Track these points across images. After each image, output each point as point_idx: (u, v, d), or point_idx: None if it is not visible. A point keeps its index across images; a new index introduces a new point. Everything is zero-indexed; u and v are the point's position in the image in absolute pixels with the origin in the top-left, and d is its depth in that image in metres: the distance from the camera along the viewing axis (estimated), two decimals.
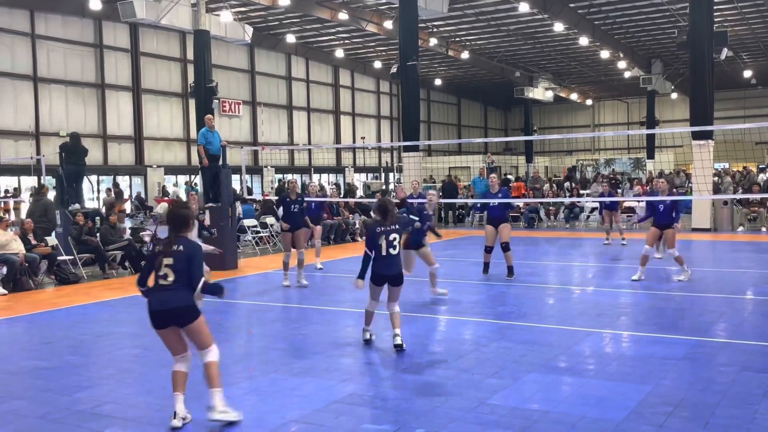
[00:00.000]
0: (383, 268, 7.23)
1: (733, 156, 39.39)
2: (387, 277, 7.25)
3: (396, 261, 7.27)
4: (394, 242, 7.21)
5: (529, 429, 5.07)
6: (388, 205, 7.34)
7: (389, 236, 7.20)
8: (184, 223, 5.36)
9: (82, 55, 31.06)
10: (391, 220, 7.25)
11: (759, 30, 35.56)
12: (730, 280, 11.64)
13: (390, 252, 7.19)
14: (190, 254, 5.24)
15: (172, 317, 5.21)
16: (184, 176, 35.10)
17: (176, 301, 5.18)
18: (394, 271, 7.27)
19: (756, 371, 6.36)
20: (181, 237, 5.33)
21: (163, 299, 5.20)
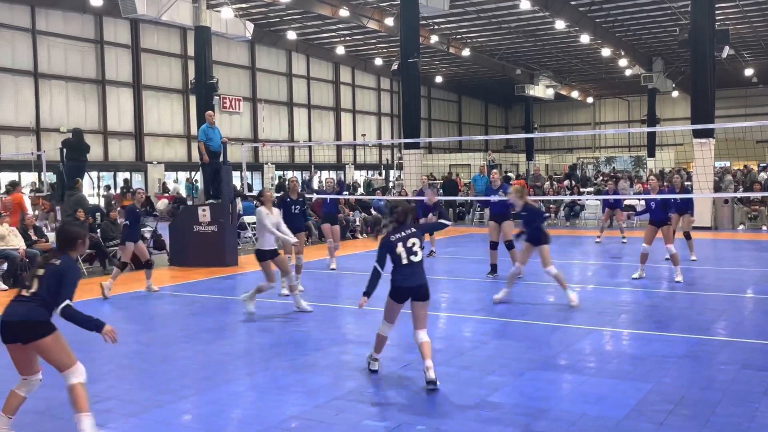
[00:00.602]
0: (402, 279, 6.15)
1: (734, 154, 39.39)
2: (408, 289, 6.14)
3: (419, 270, 6.19)
4: (414, 248, 6.16)
5: (529, 426, 5.08)
6: (402, 211, 6.33)
7: (407, 242, 6.16)
8: (68, 242, 5.02)
9: (82, 50, 31.02)
10: (407, 222, 6.28)
11: (760, 28, 35.51)
12: (730, 279, 11.64)
13: (411, 260, 6.14)
14: (64, 272, 4.84)
15: (17, 331, 4.77)
16: (184, 173, 35.07)
17: (25, 314, 4.76)
18: (417, 282, 6.14)
19: (756, 369, 6.37)
20: (64, 254, 4.97)
21: (13, 310, 4.80)
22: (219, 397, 5.90)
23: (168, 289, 11.60)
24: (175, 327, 8.74)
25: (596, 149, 56.89)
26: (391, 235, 6.21)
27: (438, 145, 52.23)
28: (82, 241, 5.08)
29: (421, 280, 6.17)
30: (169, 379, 6.45)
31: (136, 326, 8.79)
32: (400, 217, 6.29)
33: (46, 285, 4.80)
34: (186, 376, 6.53)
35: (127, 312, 9.83)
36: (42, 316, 4.79)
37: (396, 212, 6.32)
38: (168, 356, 7.29)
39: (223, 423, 5.29)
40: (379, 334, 6.42)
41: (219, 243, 14.09)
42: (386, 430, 5.04)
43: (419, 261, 6.17)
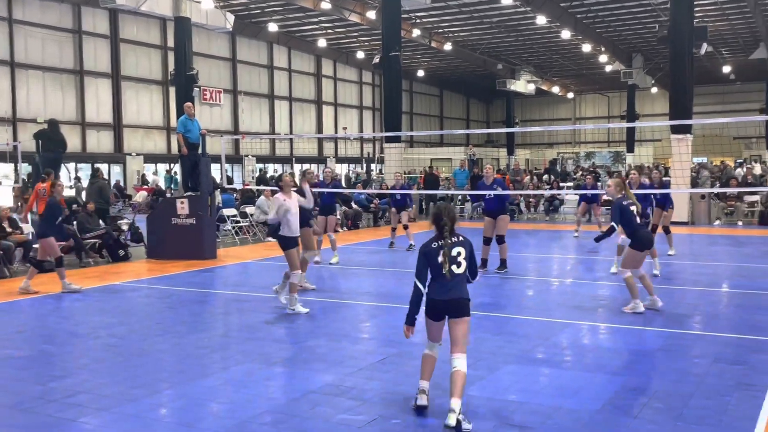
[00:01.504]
0: (439, 291, 5.23)
1: (711, 150, 39.83)
2: (444, 303, 5.22)
3: (458, 282, 5.24)
4: (458, 258, 5.25)
5: (505, 420, 5.09)
6: (443, 215, 5.32)
7: (452, 250, 5.23)
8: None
9: (60, 40, 30.62)
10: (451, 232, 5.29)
11: (738, 26, 35.87)
12: (706, 273, 11.76)
13: (453, 271, 5.21)
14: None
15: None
16: (163, 164, 34.80)
17: None
18: (455, 295, 5.21)
19: (729, 363, 6.44)
20: None
21: None
22: (194, 391, 5.85)
23: (145, 282, 11.50)
24: (151, 320, 8.67)
25: (576, 144, 57.27)
26: (433, 242, 5.33)
27: (419, 139, 52.27)
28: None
29: (460, 294, 5.25)
30: (144, 372, 6.39)
31: (112, 319, 8.70)
32: (439, 221, 5.34)
33: None
34: (161, 370, 6.48)
35: (102, 305, 9.73)
36: None
37: (434, 216, 5.43)
38: (143, 350, 7.22)
39: (197, 417, 5.25)
40: (424, 354, 5.45)
41: (197, 236, 13.98)
42: (361, 424, 5.03)
43: (461, 273, 5.27)
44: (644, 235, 8.72)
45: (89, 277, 12.09)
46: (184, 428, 5.02)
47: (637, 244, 8.61)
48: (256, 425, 5.03)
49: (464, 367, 5.08)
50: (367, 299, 9.89)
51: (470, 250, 5.32)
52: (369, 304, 9.53)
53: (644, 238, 8.67)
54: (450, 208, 5.48)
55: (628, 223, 8.59)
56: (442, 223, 5.29)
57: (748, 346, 7.04)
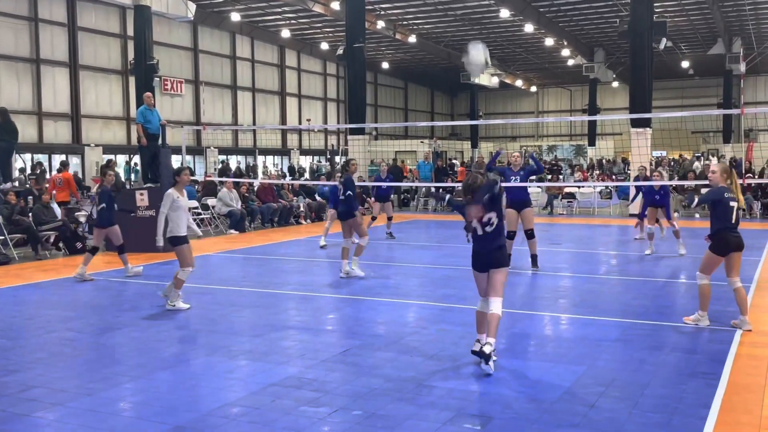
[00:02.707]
0: (480, 245, 6.18)
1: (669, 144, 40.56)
2: (486, 254, 6.13)
3: (493, 236, 6.13)
4: (490, 220, 6.12)
5: (465, 410, 5.12)
6: (473, 184, 6.10)
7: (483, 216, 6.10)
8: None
9: (15, 28, 29.82)
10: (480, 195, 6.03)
11: (697, 21, 36.54)
12: (664, 265, 11.98)
13: (486, 231, 6.12)
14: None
15: None
16: (123, 155, 34.16)
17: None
18: (493, 245, 6.13)
19: (685, 352, 6.57)
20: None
21: None
22: (153, 384, 5.77)
23: (103, 275, 11.30)
24: (109, 314, 8.51)
25: (539, 138, 57.82)
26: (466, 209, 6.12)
27: (384, 131, 52.23)
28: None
29: (497, 243, 6.13)
30: (101, 366, 6.28)
31: (69, 313, 8.53)
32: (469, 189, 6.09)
33: None
34: (119, 364, 6.37)
35: (59, 298, 9.53)
36: None
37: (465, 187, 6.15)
38: (100, 343, 7.09)
39: (156, 411, 5.17)
40: (477, 312, 6.31)
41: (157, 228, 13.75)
42: (322, 415, 5.01)
43: (492, 231, 6.12)
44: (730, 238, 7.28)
45: (45, 269, 11.84)
46: (143, 422, 4.94)
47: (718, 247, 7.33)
48: (216, 418, 4.97)
49: (497, 309, 6.01)
50: (330, 291, 9.86)
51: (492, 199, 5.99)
52: (332, 296, 9.51)
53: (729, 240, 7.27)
54: (475, 176, 6.23)
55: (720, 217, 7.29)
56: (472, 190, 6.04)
57: (705, 335, 7.19)
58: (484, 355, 5.85)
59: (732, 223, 7.25)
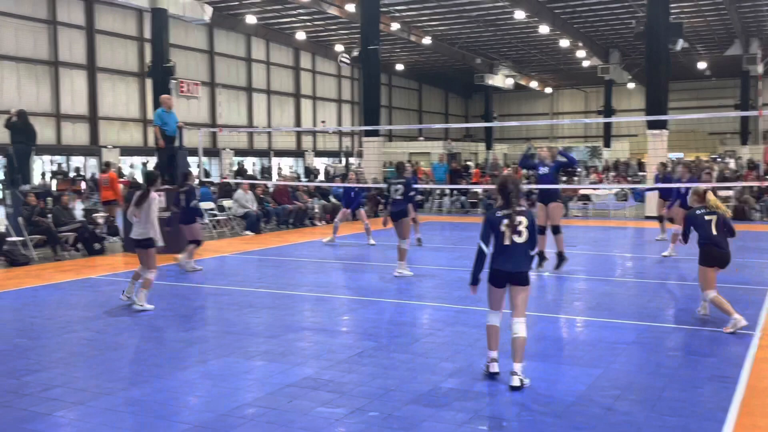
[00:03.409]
0: (502, 261, 5.67)
1: (686, 145, 40.27)
2: (507, 273, 5.68)
3: (520, 252, 5.66)
4: (519, 227, 5.64)
5: (480, 412, 5.13)
6: (509, 184, 5.72)
7: (515, 219, 5.66)
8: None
9: (34, 31, 30.15)
10: (517, 201, 5.68)
11: (714, 22, 36.27)
12: (680, 267, 11.91)
13: (515, 240, 5.64)
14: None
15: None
16: (140, 157, 34.46)
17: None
18: (517, 267, 5.65)
19: (702, 356, 6.54)
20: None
21: None
22: (171, 384, 5.83)
23: (121, 276, 11.40)
24: (126, 314, 8.60)
25: (553, 139, 57.57)
26: (497, 211, 5.72)
27: (398, 133, 52.27)
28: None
29: (521, 266, 5.66)
30: (120, 366, 6.36)
31: (88, 313, 8.62)
32: (504, 190, 5.69)
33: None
34: (137, 364, 6.45)
35: (78, 299, 9.64)
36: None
37: (500, 185, 5.79)
38: (119, 343, 7.17)
39: (174, 410, 5.23)
40: (488, 325, 5.86)
41: (174, 229, 13.85)
42: (339, 416, 5.04)
43: (523, 242, 5.65)
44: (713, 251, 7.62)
45: (64, 270, 11.97)
46: (161, 422, 5.00)
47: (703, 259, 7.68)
48: (233, 419, 5.02)
49: (524, 332, 5.67)
50: (346, 293, 9.90)
51: (531, 221, 5.69)
52: (347, 298, 9.55)
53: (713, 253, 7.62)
54: (514, 177, 5.88)
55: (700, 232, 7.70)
56: (508, 191, 5.67)
57: (722, 338, 7.15)
58: (518, 387, 5.51)
59: (713, 234, 7.61)
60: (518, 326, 5.69)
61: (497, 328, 5.83)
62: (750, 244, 14.60)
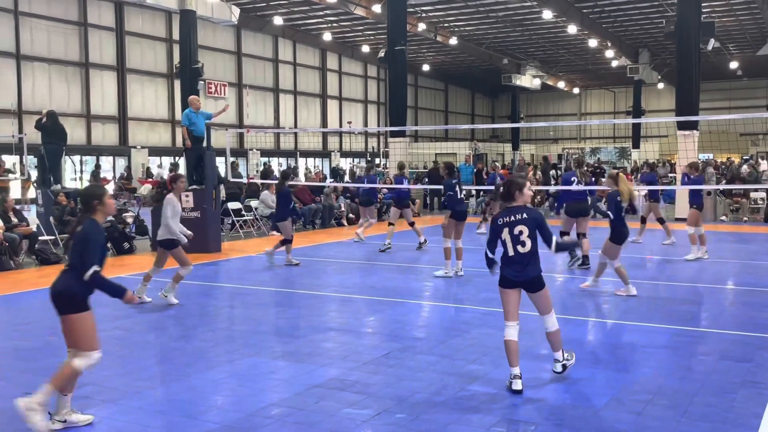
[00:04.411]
0: (510, 272, 5.58)
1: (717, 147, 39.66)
2: (516, 283, 5.59)
3: (526, 262, 5.52)
4: (521, 236, 5.48)
5: (509, 415, 5.09)
6: (511, 187, 5.57)
7: (513, 229, 5.50)
8: (86, 205, 4.90)
9: (66, 33, 30.63)
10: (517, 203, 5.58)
11: (746, 22, 35.69)
12: (711, 270, 11.72)
13: (518, 250, 5.50)
14: (86, 237, 4.74)
15: (53, 301, 4.80)
16: (168, 158, 34.83)
17: (56, 285, 4.79)
18: (525, 276, 5.54)
19: (734, 360, 6.42)
20: (87, 219, 4.84)
21: (56, 280, 4.84)
22: (198, 383, 5.86)
23: None
24: (155, 313, 8.68)
25: (581, 140, 57.10)
26: (499, 218, 5.58)
27: (424, 133, 52.19)
28: (98, 202, 4.86)
29: (529, 274, 5.52)
30: (149, 365, 6.41)
31: (118, 312, 8.71)
32: (503, 193, 5.58)
33: (74, 253, 4.74)
34: (166, 363, 6.50)
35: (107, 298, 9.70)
36: (71, 288, 4.73)
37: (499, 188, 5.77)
38: (148, 342, 7.24)
39: (202, 410, 5.26)
40: (505, 341, 5.61)
41: (202, 229, 13.98)
42: (365, 418, 5.03)
43: (527, 252, 5.48)
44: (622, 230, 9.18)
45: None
46: (189, 421, 5.03)
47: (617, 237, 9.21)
48: (260, 418, 5.04)
49: (555, 324, 5.74)
50: (372, 294, 9.89)
51: (535, 226, 5.54)
52: (373, 299, 9.54)
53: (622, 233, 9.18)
54: (516, 178, 5.67)
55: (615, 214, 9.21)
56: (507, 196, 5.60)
57: (755, 343, 7.02)
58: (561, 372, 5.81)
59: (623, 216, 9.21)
60: (549, 321, 5.76)
61: (515, 342, 5.57)
62: None
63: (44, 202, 14.54)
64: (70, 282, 4.74)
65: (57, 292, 4.76)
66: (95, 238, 4.77)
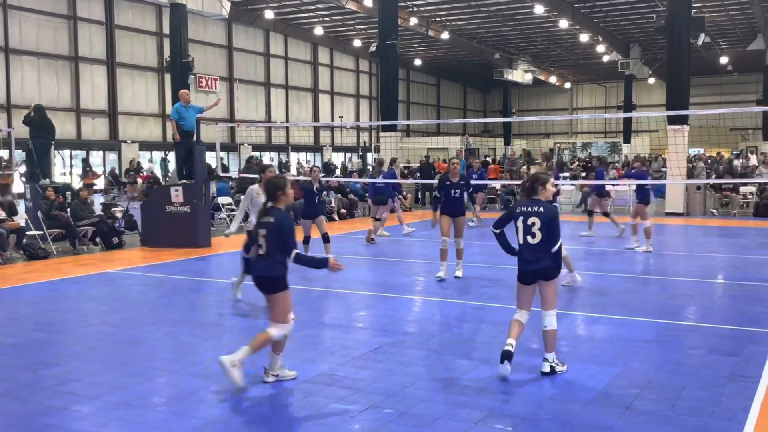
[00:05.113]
0: (523, 263, 5.77)
1: (707, 141, 39.81)
2: (529, 273, 5.77)
3: (536, 250, 5.71)
4: (532, 228, 5.70)
5: (497, 410, 5.08)
6: (535, 183, 5.87)
7: (528, 219, 5.73)
8: (271, 195, 5.53)
9: (55, 26, 30.40)
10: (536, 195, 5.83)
11: (736, 17, 35.77)
12: (701, 265, 11.76)
13: (527, 240, 5.73)
14: (280, 226, 5.41)
15: (260, 285, 5.58)
16: (159, 152, 34.68)
17: (260, 271, 5.53)
18: (536, 266, 5.72)
19: (723, 354, 6.43)
20: (275, 209, 5.50)
21: (257, 265, 5.58)
22: (186, 379, 5.82)
23: (139, 270, 11.46)
24: (144, 308, 8.63)
25: (573, 135, 57.20)
26: (519, 206, 5.87)
27: (416, 128, 52.15)
28: (282, 192, 5.51)
29: (540, 264, 5.71)
30: (136, 361, 6.37)
31: (105, 307, 8.66)
32: (528, 188, 5.89)
33: (271, 243, 5.42)
34: (153, 358, 6.45)
35: (95, 293, 9.69)
36: (276, 273, 5.48)
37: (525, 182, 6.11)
38: (136, 338, 7.19)
39: (189, 405, 5.22)
40: (512, 320, 5.91)
41: (192, 224, 13.93)
42: (353, 413, 5.01)
43: (537, 243, 5.70)
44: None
45: (82, 264, 12.05)
46: (176, 417, 4.99)
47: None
48: (248, 414, 5.01)
49: (554, 324, 5.80)
50: (362, 288, 9.87)
51: (548, 220, 5.69)
52: (363, 294, 9.51)
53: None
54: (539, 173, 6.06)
55: None
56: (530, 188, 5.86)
57: (743, 337, 7.04)
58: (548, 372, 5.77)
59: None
60: (548, 319, 5.81)
61: (520, 323, 5.86)
62: None
63: (32, 197, 14.44)
64: (272, 267, 5.48)
65: (263, 277, 5.52)
66: (288, 225, 5.49)
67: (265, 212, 5.52)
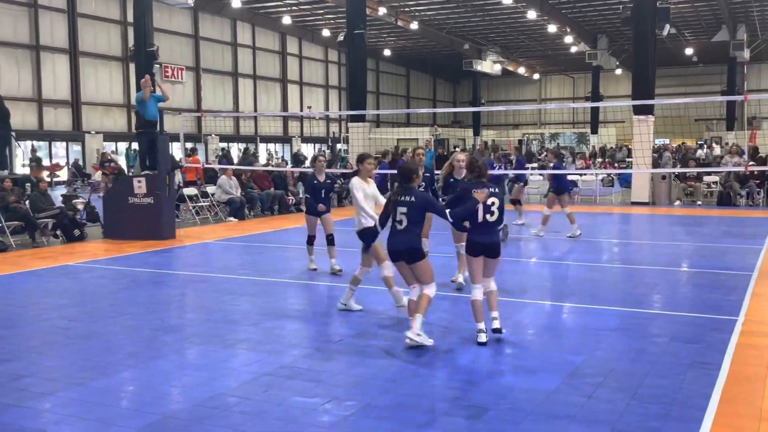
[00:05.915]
0: (478, 234, 6.37)
1: (672, 131, 40.34)
2: (482, 245, 6.34)
3: (492, 229, 6.42)
4: (492, 207, 6.35)
5: (460, 400, 5.04)
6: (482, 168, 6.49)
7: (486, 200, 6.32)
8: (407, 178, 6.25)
9: (15, 14, 29.67)
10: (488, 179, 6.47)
11: (701, 8, 36.23)
12: (665, 253, 11.87)
13: (487, 219, 6.35)
14: (424, 201, 6.23)
15: (403, 256, 6.25)
16: (124, 143, 34.12)
17: (403, 244, 6.21)
18: (490, 239, 6.36)
19: (684, 341, 6.47)
20: (411, 189, 6.20)
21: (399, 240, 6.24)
22: (145, 374, 5.70)
23: (101, 263, 11.23)
24: (104, 302, 8.44)
25: (541, 125, 57.60)
26: (473, 188, 6.37)
27: (385, 118, 52.06)
28: (416, 175, 6.32)
29: (493, 238, 6.40)
30: (94, 355, 6.21)
31: (64, 301, 8.46)
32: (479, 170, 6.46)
33: (412, 218, 6.17)
34: (111, 353, 6.30)
35: (54, 286, 9.46)
36: (416, 244, 6.22)
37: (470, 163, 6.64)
38: (94, 332, 7.02)
39: (147, 400, 5.09)
40: (472, 301, 6.45)
41: (156, 215, 13.70)
42: (315, 406, 4.93)
43: (494, 221, 6.41)
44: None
45: (42, 257, 11.78)
46: (132, 413, 4.87)
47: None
48: (207, 409, 4.90)
49: (494, 286, 6.52)
50: (329, 280, 9.77)
51: (501, 197, 6.45)
52: (329, 285, 9.42)
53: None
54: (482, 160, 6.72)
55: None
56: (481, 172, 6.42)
57: (705, 324, 7.10)
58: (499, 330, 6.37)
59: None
60: (489, 283, 6.49)
61: (480, 302, 6.39)
62: (734, 230, 14.60)
63: None
64: (413, 239, 6.22)
65: (407, 248, 6.24)
66: (429, 198, 6.49)
67: (402, 192, 6.21)
